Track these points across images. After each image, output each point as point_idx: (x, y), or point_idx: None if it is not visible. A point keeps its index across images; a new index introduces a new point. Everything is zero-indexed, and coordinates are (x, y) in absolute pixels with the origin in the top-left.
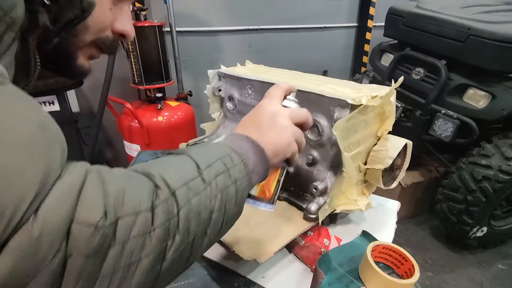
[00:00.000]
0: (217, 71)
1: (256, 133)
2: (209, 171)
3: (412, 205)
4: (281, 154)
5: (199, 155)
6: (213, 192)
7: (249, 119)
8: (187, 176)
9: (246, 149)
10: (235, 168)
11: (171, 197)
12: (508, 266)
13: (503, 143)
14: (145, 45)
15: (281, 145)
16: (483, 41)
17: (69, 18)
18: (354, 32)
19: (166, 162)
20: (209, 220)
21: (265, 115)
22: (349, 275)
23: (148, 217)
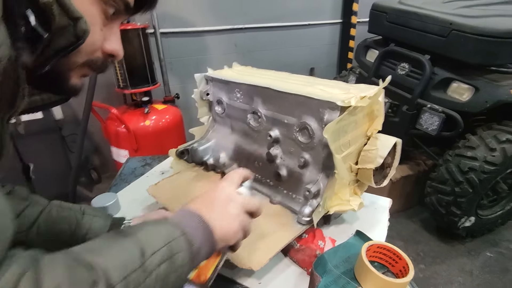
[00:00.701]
0: (204, 75)
1: (209, 214)
2: (153, 260)
3: (402, 199)
4: (226, 240)
5: (147, 238)
6: (153, 283)
7: (205, 197)
8: (129, 267)
9: (196, 228)
10: (179, 254)
11: None
12: (496, 254)
13: (487, 135)
14: (129, 49)
15: (228, 232)
16: (465, 35)
17: (62, 45)
18: (338, 29)
19: (112, 246)
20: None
21: (220, 198)
22: (345, 276)
23: None
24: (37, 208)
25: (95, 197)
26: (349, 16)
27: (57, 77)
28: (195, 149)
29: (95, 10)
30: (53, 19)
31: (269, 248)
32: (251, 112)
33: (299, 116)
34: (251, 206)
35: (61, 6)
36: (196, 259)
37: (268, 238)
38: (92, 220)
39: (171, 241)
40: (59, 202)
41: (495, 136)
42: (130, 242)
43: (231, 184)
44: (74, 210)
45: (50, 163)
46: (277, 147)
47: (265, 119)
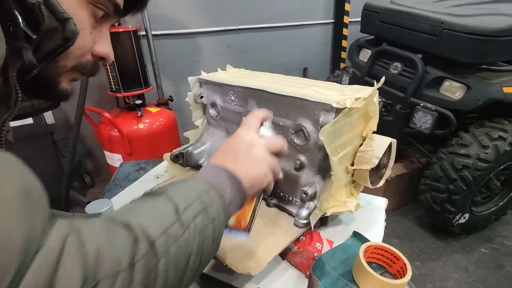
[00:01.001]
0: (198, 78)
1: (234, 164)
2: (187, 213)
3: (397, 197)
4: (257, 185)
5: (178, 195)
6: (191, 235)
7: (227, 149)
8: (166, 222)
9: (223, 181)
10: (213, 206)
11: (150, 250)
12: (490, 250)
13: (479, 132)
14: (121, 51)
15: (257, 176)
16: (456, 34)
17: (51, 48)
18: (331, 29)
19: (145, 206)
20: (187, 265)
21: (242, 145)
22: (343, 278)
23: (127, 276)
24: None
25: (88, 201)
26: (341, 16)
27: (46, 82)
28: (190, 153)
29: (85, 13)
30: (41, 20)
31: (267, 252)
32: (246, 115)
33: (294, 118)
34: (275, 146)
35: (49, 8)
36: (229, 210)
37: (266, 242)
38: None
39: (202, 194)
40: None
41: (487, 133)
42: (162, 199)
43: (249, 128)
44: (66, 216)
45: (42, 168)
46: None
47: None
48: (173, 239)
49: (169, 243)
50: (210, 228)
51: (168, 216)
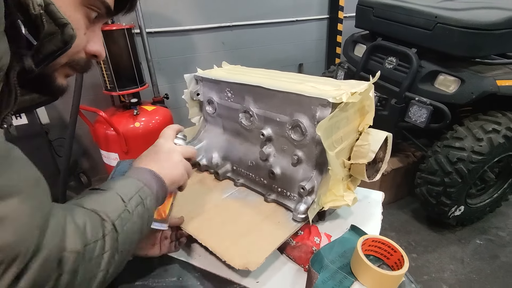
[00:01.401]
0: (194, 75)
1: (157, 167)
2: (131, 203)
3: (393, 191)
4: (176, 183)
5: (122, 190)
6: (135, 219)
7: (150, 154)
8: (119, 209)
9: (151, 181)
10: (147, 199)
11: (113, 228)
12: (485, 241)
13: (474, 125)
14: (115, 50)
15: (176, 176)
16: (450, 28)
17: (51, 50)
18: (325, 24)
19: (101, 198)
20: (134, 240)
21: (162, 152)
22: (341, 271)
23: (102, 244)
24: None
25: None
26: (335, 11)
27: (44, 78)
28: None
29: (79, 15)
30: (42, 27)
31: (265, 247)
32: (242, 111)
33: (291, 114)
34: (188, 153)
35: (49, 15)
36: (157, 202)
37: (264, 236)
38: None
39: (139, 190)
40: None
41: (481, 126)
42: (111, 193)
43: (167, 138)
44: None
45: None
46: (270, 146)
47: (257, 118)
48: (125, 221)
49: (123, 224)
50: (146, 214)
51: (120, 205)
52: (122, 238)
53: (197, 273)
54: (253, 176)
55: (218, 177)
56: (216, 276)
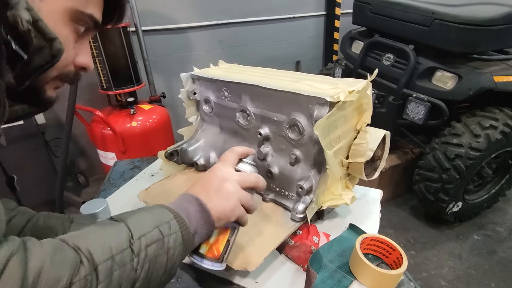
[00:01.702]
0: (190, 74)
1: (205, 196)
2: (141, 241)
3: (391, 188)
4: (224, 218)
5: (137, 223)
6: (140, 263)
7: (202, 180)
8: (116, 249)
9: (192, 212)
10: (171, 236)
11: (92, 273)
12: (483, 237)
13: (471, 122)
14: (111, 49)
15: (224, 210)
16: (447, 24)
17: (40, 63)
18: (323, 21)
19: (100, 232)
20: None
21: (214, 179)
22: (340, 270)
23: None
24: (24, 218)
25: (83, 201)
26: (332, 7)
27: (33, 91)
28: (184, 150)
29: (68, 30)
30: (31, 42)
31: (263, 247)
32: (240, 111)
33: (289, 113)
34: (247, 181)
35: (38, 30)
36: (192, 240)
37: (262, 237)
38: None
39: (162, 224)
40: (47, 213)
41: (479, 122)
42: (118, 227)
43: (225, 164)
44: (62, 219)
45: (34, 169)
46: (268, 145)
47: (254, 117)
48: (119, 265)
49: (114, 269)
50: (163, 258)
51: (120, 243)
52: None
53: (195, 274)
54: None
55: None
56: (214, 277)
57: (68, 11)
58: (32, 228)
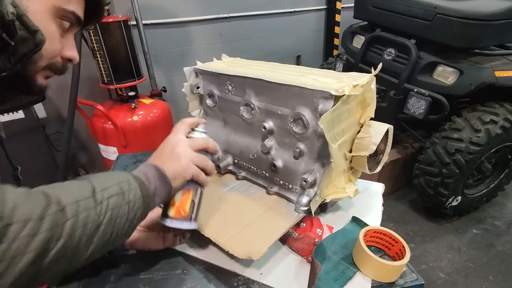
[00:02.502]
0: (194, 68)
1: (160, 161)
2: (103, 193)
3: (391, 182)
4: (179, 178)
5: (98, 180)
6: (103, 210)
7: (157, 152)
8: (80, 197)
9: (149, 174)
10: (131, 191)
11: (60, 212)
12: (481, 231)
13: (472, 116)
14: (112, 42)
15: (178, 169)
16: (449, 19)
17: (24, 52)
18: (323, 15)
19: (67, 185)
20: (96, 231)
21: (167, 146)
22: (344, 261)
23: (36, 224)
24: None
25: None
26: (333, 1)
27: (25, 79)
28: None
29: (54, 26)
30: (15, 31)
31: (267, 237)
32: (243, 105)
33: (293, 106)
34: (196, 143)
35: (22, 24)
36: (153, 198)
37: (266, 227)
38: None
39: (122, 181)
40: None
41: (479, 117)
42: (82, 182)
43: (176, 133)
44: None
45: (35, 163)
46: (272, 139)
47: (259, 111)
48: (83, 209)
49: (79, 211)
50: (125, 208)
51: (84, 193)
52: (72, 225)
53: (201, 266)
54: (254, 169)
55: (219, 171)
56: (220, 268)
57: (53, 8)
58: None
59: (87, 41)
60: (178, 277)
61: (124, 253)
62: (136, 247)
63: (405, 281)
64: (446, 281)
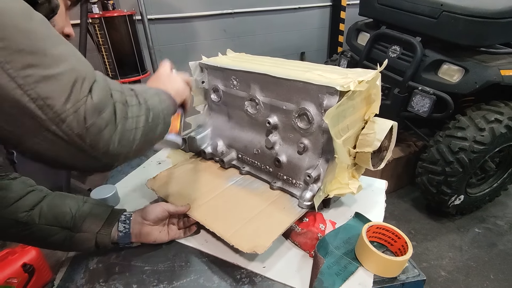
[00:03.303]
0: (199, 63)
1: (162, 85)
2: (152, 95)
3: (394, 180)
4: (180, 95)
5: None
6: (156, 101)
7: (153, 80)
8: (146, 95)
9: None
10: (162, 94)
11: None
12: (484, 230)
13: (476, 115)
14: (116, 37)
15: (178, 88)
16: (456, 16)
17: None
18: (328, 12)
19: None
20: (159, 116)
21: (163, 74)
22: (346, 256)
23: (136, 100)
24: (41, 193)
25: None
26: None
27: None
28: (192, 138)
29: (62, 3)
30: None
31: (271, 231)
32: (248, 99)
33: (298, 102)
34: (183, 76)
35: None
36: (173, 105)
37: (270, 222)
38: (92, 206)
39: (159, 92)
40: (62, 192)
41: (484, 116)
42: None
43: (167, 68)
44: (76, 198)
45: None
46: (276, 134)
47: (263, 106)
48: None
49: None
50: (164, 104)
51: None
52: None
53: (205, 258)
54: (258, 164)
55: (223, 165)
56: (223, 261)
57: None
58: (48, 203)
59: (92, 35)
60: (182, 268)
61: (129, 245)
62: (141, 240)
63: (407, 277)
64: (447, 279)
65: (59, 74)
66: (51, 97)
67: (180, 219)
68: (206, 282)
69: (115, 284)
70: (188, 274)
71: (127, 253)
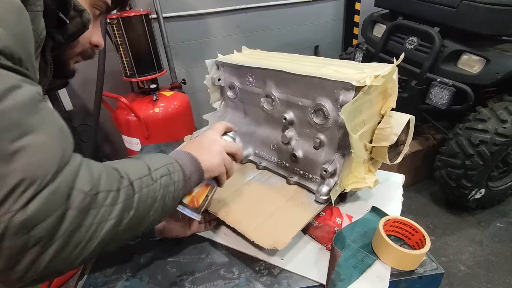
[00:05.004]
0: (215, 60)
1: (196, 151)
2: (156, 173)
3: (412, 174)
4: (211, 170)
5: (151, 161)
6: (157, 188)
7: (194, 142)
8: (141, 174)
9: (186, 161)
10: (175, 173)
11: (130, 185)
12: (505, 224)
13: (498, 106)
14: (134, 36)
15: (212, 164)
16: (476, 5)
17: (73, 31)
18: (342, 3)
19: (127, 162)
20: (152, 206)
21: (206, 140)
22: (363, 250)
23: (116, 195)
24: None
25: None
26: None
27: (62, 63)
28: None
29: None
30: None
31: (290, 227)
32: (264, 96)
33: (314, 97)
34: (231, 147)
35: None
36: (188, 181)
37: (289, 218)
38: None
39: (168, 164)
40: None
41: (506, 107)
42: (138, 161)
43: (215, 131)
44: None
45: None
46: (292, 129)
47: (279, 102)
48: (145, 185)
49: (142, 186)
50: (172, 188)
51: (143, 171)
52: (138, 198)
53: (225, 251)
54: (275, 160)
55: (240, 161)
56: (243, 253)
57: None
58: None
59: (110, 36)
60: (203, 260)
61: (153, 239)
62: (164, 234)
63: (424, 270)
64: (467, 274)
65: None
66: None
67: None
68: (226, 273)
69: (141, 274)
70: (209, 266)
71: (152, 247)
